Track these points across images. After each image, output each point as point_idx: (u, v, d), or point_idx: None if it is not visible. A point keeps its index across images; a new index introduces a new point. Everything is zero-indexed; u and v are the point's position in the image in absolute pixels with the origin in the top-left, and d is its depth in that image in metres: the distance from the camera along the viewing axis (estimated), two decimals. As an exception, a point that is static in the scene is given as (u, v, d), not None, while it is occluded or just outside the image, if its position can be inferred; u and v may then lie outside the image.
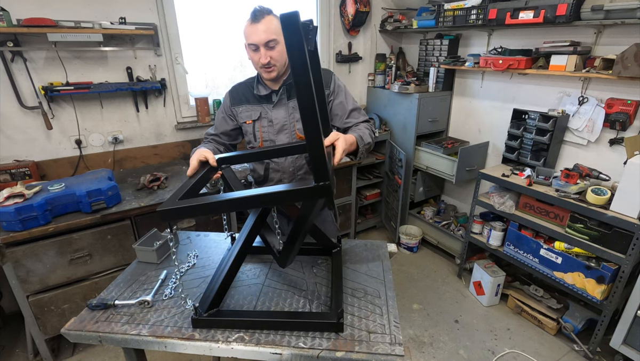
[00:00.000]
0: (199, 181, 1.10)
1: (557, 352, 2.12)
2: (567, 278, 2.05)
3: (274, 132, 1.48)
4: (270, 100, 1.48)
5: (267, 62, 1.32)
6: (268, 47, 1.32)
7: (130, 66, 2.31)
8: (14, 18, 1.86)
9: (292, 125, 1.48)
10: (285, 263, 1.19)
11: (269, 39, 1.30)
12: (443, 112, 3.09)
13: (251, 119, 1.50)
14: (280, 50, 1.34)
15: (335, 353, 0.95)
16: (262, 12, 1.29)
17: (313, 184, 0.86)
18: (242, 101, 1.51)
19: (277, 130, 1.48)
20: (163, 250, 1.40)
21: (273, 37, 1.30)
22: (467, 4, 2.44)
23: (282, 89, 1.45)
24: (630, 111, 1.99)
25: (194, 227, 2.14)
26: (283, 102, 1.47)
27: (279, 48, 1.33)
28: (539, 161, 2.36)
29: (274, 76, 1.38)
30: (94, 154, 2.36)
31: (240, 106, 1.51)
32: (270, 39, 1.30)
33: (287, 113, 1.47)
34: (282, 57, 1.36)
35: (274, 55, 1.33)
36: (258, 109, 1.49)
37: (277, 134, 1.48)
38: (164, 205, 0.91)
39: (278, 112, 1.47)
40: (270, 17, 1.30)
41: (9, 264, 1.69)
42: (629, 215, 1.79)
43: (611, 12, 1.83)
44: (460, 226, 3.02)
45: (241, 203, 0.94)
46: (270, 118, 1.48)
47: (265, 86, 1.47)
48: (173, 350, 1.01)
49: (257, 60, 1.34)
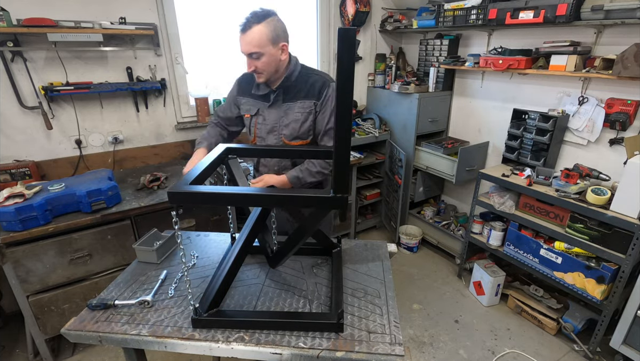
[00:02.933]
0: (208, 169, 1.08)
1: (557, 352, 2.12)
2: (567, 278, 2.05)
3: (265, 131, 1.53)
4: (268, 98, 1.52)
5: (252, 70, 1.39)
6: (252, 57, 1.36)
7: (130, 66, 2.31)
8: (14, 18, 1.86)
9: (280, 128, 1.51)
10: (276, 264, 1.19)
11: (250, 51, 1.34)
12: (443, 112, 3.09)
13: (249, 113, 1.56)
14: (266, 61, 1.37)
15: (335, 353, 0.95)
16: (249, 23, 1.32)
17: (331, 194, 0.85)
18: (246, 92, 1.57)
19: (268, 130, 1.52)
20: (163, 250, 1.40)
21: (254, 50, 1.33)
22: (467, 4, 2.44)
23: (279, 90, 1.48)
24: (630, 111, 1.99)
25: (194, 227, 2.14)
26: (278, 103, 1.50)
27: (264, 59, 1.36)
28: (539, 161, 2.36)
29: (262, 81, 1.45)
30: (94, 154, 2.36)
31: (244, 97, 1.57)
32: (251, 51, 1.34)
33: (278, 116, 1.50)
34: (268, 66, 1.39)
35: (258, 65, 1.37)
36: (257, 105, 1.54)
37: (267, 133, 1.53)
38: (174, 188, 0.89)
39: (271, 112, 1.51)
40: (257, 28, 1.31)
41: (9, 264, 1.69)
42: (629, 215, 1.79)
43: (611, 12, 1.83)
44: (460, 226, 3.03)
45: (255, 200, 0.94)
46: (265, 116, 1.52)
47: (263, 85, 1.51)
48: (173, 350, 1.01)
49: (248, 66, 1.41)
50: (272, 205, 1.12)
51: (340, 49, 0.74)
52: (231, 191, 0.91)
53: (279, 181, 1.44)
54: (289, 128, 1.49)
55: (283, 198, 0.91)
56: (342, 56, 0.75)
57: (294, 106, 1.48)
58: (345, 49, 0.74)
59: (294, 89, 1.48)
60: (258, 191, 0.92)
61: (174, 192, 0.87)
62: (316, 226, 1.03)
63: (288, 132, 1.50)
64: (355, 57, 1.06)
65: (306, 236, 1.06)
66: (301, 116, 1.48)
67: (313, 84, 1.48)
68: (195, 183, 0.94)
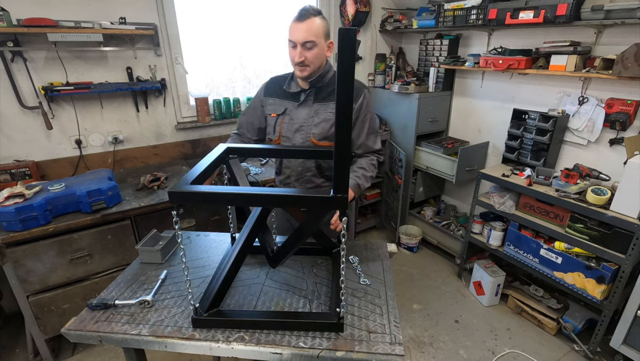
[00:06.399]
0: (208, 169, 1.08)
1: (557, 352, 2.12)
2: (567, 278, 2.05)
3: (292, 130, 1.51)
4: (297, 98, 1.50)
5: (301, 61, 1.36)
6: (305, 47, 1.35)
7: (130, 66, 2.31)
8: (14, 18, 1.86)
9: (309, 128, 1.49)
10: (277, 264, 1.19)
11: (306, 39, 1.33)
12: (443, 112, 3.09)
13: (276, 113, 1.54)
14: (316, 52, 1.37)
15: (335, 353, 0.95)
16: (308, 13, 1.33)
17: (331, 194, 0.85)
18: (274, 93, 1.55)
19: (295, 129, 1.50)
20: (166, 250, 1.40)
21: (311, 38, 1.34)
22: (467, 4, 2.44)
23: (310, 90, 1.48)
24: (630, 111, 1.99)
25: (194, 227, 2.14)
26: (308, 103, 1.49)
27: (316, 50, 1.37)
28: (539, 161, 2.36)
29: (306, 75, 1.41)
30: (94, 154, 2.36)
31: (270, 98, 1.56)
32: (308, 39, 1.34)
33: (308, 115, 1.49)
34: (316, 59, 1.38)
35: (308, 56, 1.36)
36: (284, 105, 1.52)
37: (294, 132, 1.51)
38: (175, 187, 0.89)
39: (301, 111, 1.50)
40: (315, 19, 1.34)
41: (9, 264, 1.69)
42: (629, 215, 1.79)
43: (611, 12, 1.83)
44: (460, 226, 3.02)
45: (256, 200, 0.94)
46: (292, 116, 1.50)
47: (297, 84, 1.50)
48: (173, 350, 1.01)
49: (293, 57, 1.38)
50: (272, 205, 1.12)
51: (341, 49, 0.74)
52: (231, 191, 0.91)
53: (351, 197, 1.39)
54: (319, 128, 1.47)
55: (283, 197, 0.91)
56: (342, 56, 0.75)
57: (326, 106, 1.47)
58: (345, 49, 0.74)
59: (327, 90, 1.48)
60: (258, 191, 0.92)
61: (174, 191, 0.87)
62: (316, 226, 1.02)
63: (318, 131, 1.47)
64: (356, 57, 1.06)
65: (306, 236, 1.06)
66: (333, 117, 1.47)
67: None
68: (196, 183, 0.94)
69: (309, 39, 1.33)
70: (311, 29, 1.33)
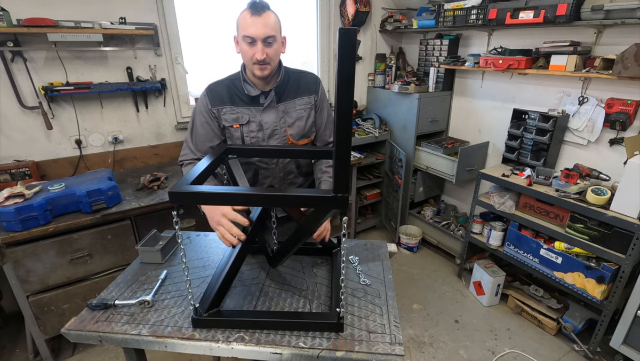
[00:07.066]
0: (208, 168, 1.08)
1: (557, 352, 2.12)
2: (567, 278, 2.05)
3: (264, 137, 1.41)
4: (258, 102, 1.38)
5: (262, 59, 1.24)
6: (266, 43, 1.24)
7: (130, 66, 2.31)
8: (14, 18, 1.86)
9: (282, 130, 1.42)
10: (277, 264, 1.19)
11: (268, 34, 1.23)
12: (443, 112, 3.09)
13: (238, 123, 1.38)
14: (276, 48, 1.28)
15: (335, 352, 0.95)
16: (262, 6, 1.23)
17: (332, 194, 0.85)
18: (224, 101, 1.38)
19: (268, 135, 1.41)
20: (166, 250, 1.40)
21: (272, 33, 1.24)
22: (467, 4, 2.44)
23: (272, 92, 1.38)
24: (630, 111, 1.99)
25: (194, 227, 2.14)
26: (272, 105, 1.39)
27: (276, 46, 1.28)
28: (539, 161, 2.36)
29: (266, 74, 1.30)
30: (94, 154, 2.36)
31: (223, 107, 1.38)
32: (269, 34, 1.23)
33: (278, 117, 1.40)
34: (276, 56, 1.30)
35: (269, 52, 1.26)
36: (246, 113, 1.38)
37: (268, 139, 1.42)
38: (175, 187, 0.88)
39: (268, 116, 1.39)
40: (270, 13, 1.25)
41: (9, 264, 1.69)
42: (629, 215, 1.79)
43: (611, 12, 1.83)
44: (460, 226, 3.02)
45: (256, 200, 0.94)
46: (259, 122, 1.39)
47: (253, 87, 1.37)
48: (173, 350, 1.01)
49: (252, 55, 1.25)
50: (272, 205, 1.12)
51: (341, 49, 0.74)
52: (231, 191, 0.91)
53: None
54: (295, 127, 1.42)
55: (283, 198, 0.91)
56: (342, 56, 0.75)
57: (293, 104, 1.42)
58: (345, 49, 0.74)
59: (285, 88, 1.40)
60: (258, 191, 0.92)
61: (174, 192, 0.87)
62: (316, 226, 1.02)
63: (295, 131, 1.42)
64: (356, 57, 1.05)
65: (306, 236, 1.06)
66: (305, 113, 1.43)
67: (305, 80, 1.43)
68: (196, 183, 0.95)
69: (270, 34, 1.23)
70: (270, 23, 1.22)
